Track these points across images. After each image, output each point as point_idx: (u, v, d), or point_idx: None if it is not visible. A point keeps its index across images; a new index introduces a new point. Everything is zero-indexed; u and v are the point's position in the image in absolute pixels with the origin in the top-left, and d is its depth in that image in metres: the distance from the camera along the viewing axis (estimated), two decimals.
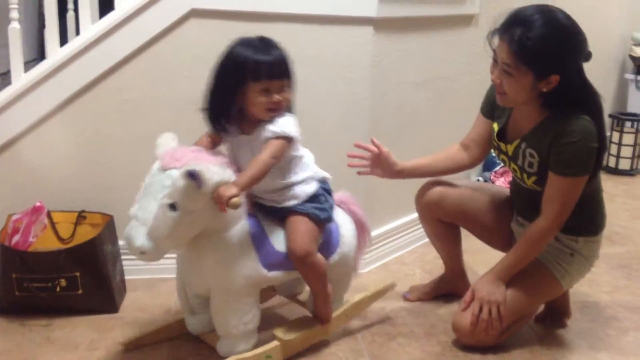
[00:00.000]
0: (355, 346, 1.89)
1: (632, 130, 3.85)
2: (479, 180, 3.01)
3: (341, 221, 1.86)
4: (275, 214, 1.76)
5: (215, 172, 1.58)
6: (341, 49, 2.22)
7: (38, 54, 3.31)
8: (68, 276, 1.94)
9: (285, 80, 1.66)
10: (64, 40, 2.16)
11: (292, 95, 1.70)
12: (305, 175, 1.76)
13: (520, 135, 1.82)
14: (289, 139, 1.66)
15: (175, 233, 1.58)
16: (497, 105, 1.85)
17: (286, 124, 1.66)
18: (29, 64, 2.48)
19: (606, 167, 3.87)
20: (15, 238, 1.99)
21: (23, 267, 1.92)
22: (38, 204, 2.05)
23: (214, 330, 1.77)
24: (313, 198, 1.76)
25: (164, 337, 1.87)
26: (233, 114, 1.68)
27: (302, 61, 1.77)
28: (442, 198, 2.02)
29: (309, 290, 1.89)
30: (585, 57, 1.71)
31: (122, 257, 2.17)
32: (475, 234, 2.09)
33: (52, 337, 1.88)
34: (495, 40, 1.72)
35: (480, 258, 2.31)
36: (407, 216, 2.56)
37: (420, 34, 2.43)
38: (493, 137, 1.92)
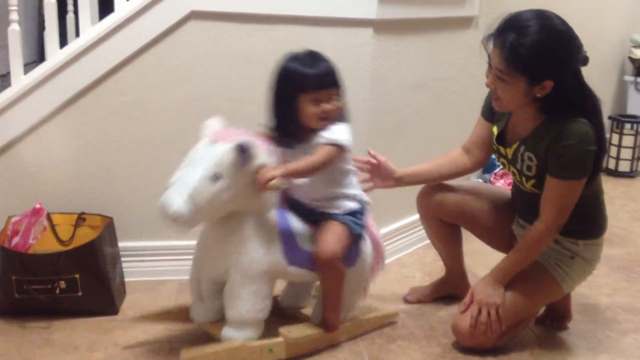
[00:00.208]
0: (355, 348, 1.89)
1: (632, 132, 3.86)
2: (479, 181, 3.01)
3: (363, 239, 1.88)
4: (310, 216, 1.80)
5: (262, 153, 1.66)
6: (341, 51, 2.21)
7: (38, 55, 3.31)
8: (68, 278, 1.94)
9: (333, 89, 1.72)
10: (63, 42, 2.16)
11: (343, 104, 1.75)
12: (353, 191, 1.82)
13: (519, 139, 1.82)
14: (341, 147, 1.71)
15: (212, 204, 1.61)
16: None
17: (339, 132, 1.72)
18: (29, 66, 2.48)
19: (606, 169, 3.87)
20: (15, 240, 1.99)
21: (23, 269, 1.92)
22: (38, 206, 2.05)
23: (218, 321, 1.78)
24: (353, 213, 1.81)
25: (167, 319, 1.92)
26: (291, 123, 1.73)
27: None
28: (444, 197, 2.02)
29: (314, 304, 1.91)
30: (582, 62, 1.70)
31: (122, 259, 2.17)
32: (477, 235, 2.09)
33: (52, 339, 1.88)
34: (490, 45, 1.72)
35: (480, 260, 2.31)
36: (407, 218, 2.56)
37: (420, 36, 2.43)
38: (492, 141, 1.92)
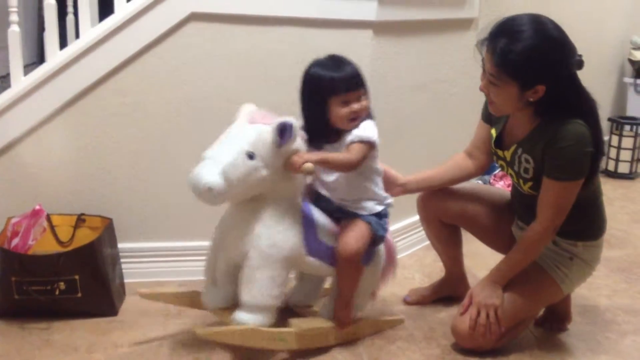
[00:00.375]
0: (354, 349, 1.89)
1: (631, 133, 3.86)
2: (478, 183, 3.01)
3: None
4: (335, 214, 1.83)
5: (300, 138, 1.71)
6: (340, 53, 2.21)
7: (37, 57, 3.31)
8: (67, 279, 1.94)
9: (361, 90, 1.76)
10: (63, 43, 2.16)
11: (369, 103, 1.79)
12: (379, 192, 1.86)
13: (516, 141, 1.82)
14: (372, 144, 1.76)
15: (245, 181, 1.64)
16: None
17: (369, 129, 1.76)
18: (29, 67, 2.48)
19: (605, 171, 3.87)
20: (15, 241, 1.99)
21: (22, 271, 1.92)
22: (37, 207, 2.05)
23: (229, 307, 1.79)
24: (378, 215, 1.84)
25: (177, 302, 1.94)
26: (323, 127, 1.77)
27: (302, 65, 1.77)
28: (444, 199, 2.02)
29: (322, 302, 1.93)
30: (577, 66, 1.69)
31: (122, 260, 2.17)
32: (477, 236, 2.09)
33: (51, 340, 1.88)
34: (484, 49, 1.72)
35: (480, 261, 2.31)
36: (406, 220, 2.56)
37: (420, 37, 2.44)
38: (491, 143, 1.92)
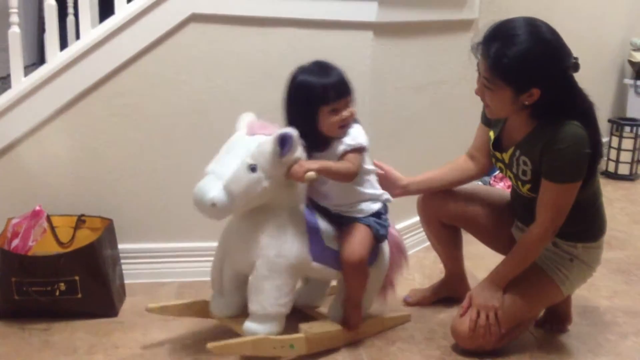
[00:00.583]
0: (354, 350, 1.89)
1: (631, 135, 3.86)
2: (479, 184, 3.01)
3: None
4: (334, 219, 1.83)
5: (300, 147, 1.69)
6: (341, 54, 2.21)
7: (38, 58, 3.32)
8: (67, 280, 1.94)
9: (348, 96, 1.76)
10: (63, 44, 2.16)
11: (355, 108, 1.79)
12: (374, 191, 1.85)
13: (514, 143, 1.82)
14: (363, 149, 1.77)
15: (248, 194, 1.65)
16: None
17: (358, 135, 1.76)
18: (29, 68, 2.48)
19: (605, 172, 3.87)
20: (15, 242, 1.99)
21: (22, 271, 1.91)
22: (37, 208, 2.05)
23: (238, 316, 1.80)
24: (376, 214, 1.84)
25: (188, 314, 1.92)
26: (311, 136, 1.75)
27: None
28: (445, 200, 2.02)
29: (331, 302, 1.94)
30: (572, 69, 1.69)
31: (122, 261, 2.17)
32: (477, 237, 2.09)
33: (51, 341, 1.87)
34: (479, 53, 1.72)
35: (480, 263, 2.31)
36: (406, 221, 2.56)
37: (420, 38, 2.44)
38: (489, 146, 1.92)
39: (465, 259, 2.18)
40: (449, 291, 2.18)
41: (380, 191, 1.88)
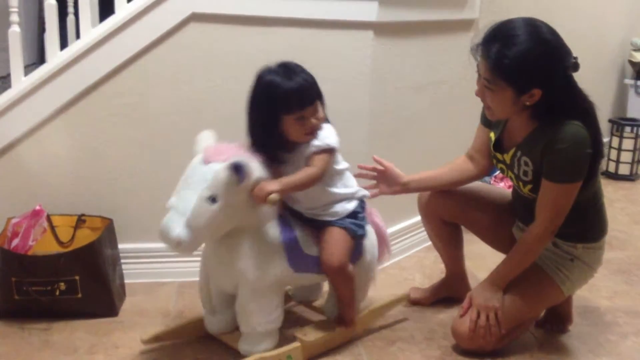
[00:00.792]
0: (354, 351, 1.89)
1: (632, 135, 3.86)
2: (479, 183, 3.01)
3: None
4: (310, 223, 1.80)
5: (256, 168, 1.63)
6: (341, 54, 2.22)
7: (38, 57, 3.32)
8: (67, 280, 1.94)
9: (315, 102, 1.69)
10: (64, 44, 2.16)
11: (325, 110, 1.73)
12: (347, 191, 1.80)
13: (515, 144, 1.82)
14: (332, 150, 1.71)
15: (212, 225, 1.60)
16: None
17: (327, 136, 1.71)
18: (29, 67, 2.48)
19: (606, 172, 3.87)
20: (15, 242, 1.99)
21: (22, 271, 1.91)
22: (38, 207, 2.05)
23: (234, 331, 1.80)
24: (352, 214, 1.80)
25: (183, 336, 1.89)
26: (275, 140, 1.70)
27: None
28: (446, 197, 2.02)
29: (326, 297, 1.94)
30: (572, 68, 1.68)
31: (122, 261, 2.17)
32: (478, 235, 2.08)
33: (51, 341, 1.87)
34: (479, 54, 1.71)
35: (480, 263, 2.31)
36: (406, 221, 2.56)
37: (420, 38, 2.43)
38: (490, 147, 1.92)
39: (467, 259, 2.17)
40: (450, 290, 2.18)
41: (354, 188, 1.83)
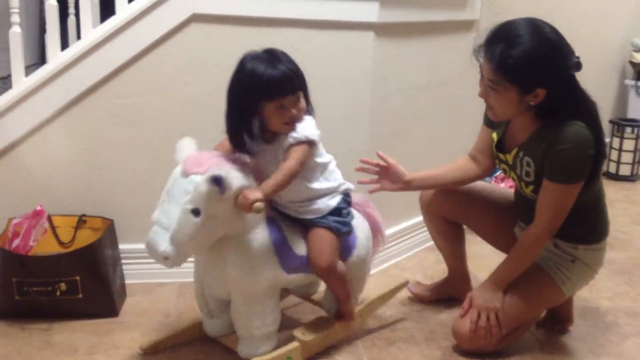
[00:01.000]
0: (354, 351, 1.89)
1: (633, 136, 3.85)
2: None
3: (357, 224, 1.86)
4: (296, 222, 1.78)
5: (237, 177, 1.60)
6: (342, 54, 2.22)
7: (39, 58, 3.32)
8: (68, 280, 1.94)
9: (298, 92, 1.66)
10: (64, 44, 2.16)
11: (308, 101, 1.71)
12: (330, 185, 1.77)
13: (517, 144, 1.82)
14: (311, 143, 1.67)
15: (197, 238, 1.58)
16: None
17: (307, 128, 1.66)
18: (30, 68, 2.49)
19: (607, 173, 3.87)
20: (16, 242, 1.99)
21: (23, 271, 1.92)
22: (38, 208, 2.05)
23: (233, 333, 1.79)
24: (335, 211, 1.78)
25: (182, 341, 1.88)
26: (253, 130, 1.67)
27: (303, 66, 1.76)
28: (448, 195, 2.02)
29: (323, 291, 1.93)
30: (575, 68, 1.69)
31: (122, 262, 2.17)
32: (479, 234, 2.08)
33: (52, 341, 1.88)
34: (481, 55, 1.71)
35: (481, 263, 2.31)
36: (407, 221, 2.56)
37: (421, 39, 2.43)
38: (492, 147, 1.92)
39: (468, 260, 2.17)
40: (451, 291, 2.18)
41: (336, 182, 1.79)
